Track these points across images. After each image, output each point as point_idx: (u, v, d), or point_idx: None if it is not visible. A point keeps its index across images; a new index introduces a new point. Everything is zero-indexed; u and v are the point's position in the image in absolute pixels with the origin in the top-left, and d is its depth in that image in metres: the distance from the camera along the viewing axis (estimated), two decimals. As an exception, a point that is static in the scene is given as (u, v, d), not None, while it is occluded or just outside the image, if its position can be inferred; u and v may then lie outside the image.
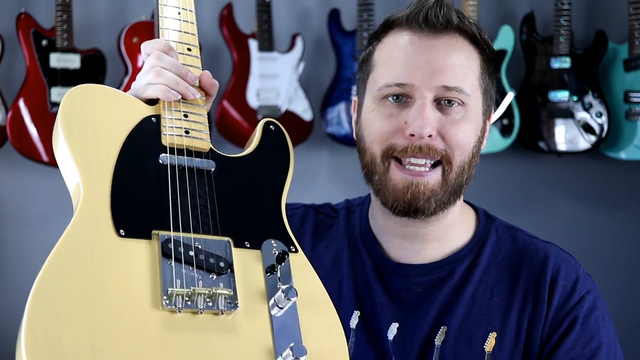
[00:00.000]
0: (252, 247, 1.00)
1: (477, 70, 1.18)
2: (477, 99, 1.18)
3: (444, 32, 1.16)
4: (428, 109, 1.13)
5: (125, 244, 0.93)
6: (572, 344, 1.16)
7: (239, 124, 2.88)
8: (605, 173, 3.16)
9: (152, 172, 1.01)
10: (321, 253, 1.28)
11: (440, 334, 1.18)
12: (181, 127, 1.05)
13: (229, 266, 0.96)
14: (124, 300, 0.88)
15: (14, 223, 2.85)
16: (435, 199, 1.16)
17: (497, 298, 1.20)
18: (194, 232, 0.97)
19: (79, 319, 0.84)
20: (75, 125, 1.01)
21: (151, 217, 0.96)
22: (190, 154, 1.04)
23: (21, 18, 2.71)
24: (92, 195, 0.95)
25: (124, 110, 1.05)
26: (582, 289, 1.19)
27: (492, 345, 1.17)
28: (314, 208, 1.34)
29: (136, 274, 0.91)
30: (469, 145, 1.17)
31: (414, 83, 1.14)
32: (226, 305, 0.92)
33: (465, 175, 1.18)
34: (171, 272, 0.92)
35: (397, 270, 1.22)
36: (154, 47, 1.10)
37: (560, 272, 1.19)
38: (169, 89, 1.06)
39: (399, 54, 1.17)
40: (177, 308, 0.89)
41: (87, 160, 0.98)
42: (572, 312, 1.17)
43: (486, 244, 1.24)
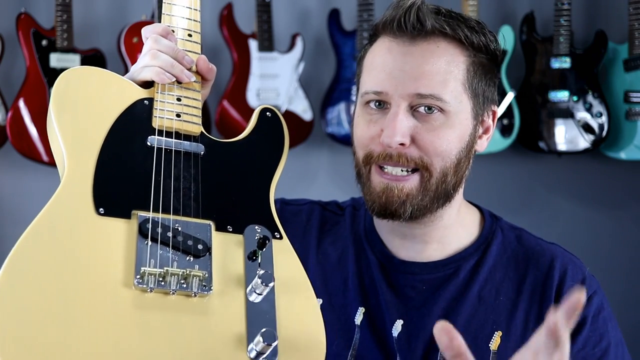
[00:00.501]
0: (234, 231, 1.00)
1: (461, 74, 1.15)
2: (463, 104, 1.15)
3: (421, 37, 1.14)
4: (400, 118, 1.12)
5: (104, 222, 0.92)
6: (583, 343, 1.16)
7: (239, 124, 2.88)
8: (605, 173, 3.16)
9: (138, 153, 1.00)
10: (327, 250, 1.28)
11: None
12: (173, 110, 1.05)
13: (207, 249, 0.95)
14: (96, 277, 0.87)
15: (14, 223, 2.85)
16: (411, 203, 1.15)
17: (503, 297, 1.20)
18: (174, 214, 0.96)
19: (49, 291, 0.84)
20: (66, 103, 1.01)
21: (132, 197, 0.96)
22: (179, 137, 1.04)
23: (21, 18, 2.71)
24: (75, 172, 0.95)
25: (118, 92, 1.05)
26: (590, 289, 1.19)
27: (497, 344, 1.17)
28: (320, 205, 1.35)
29: (111, 252, 0.90)
30: (450, 151, 1.15)
31: (389, 91, 1.13)
32: (200, 287, 0.91)
33: (450, 180, 1.16)
34: (146, 252, 0.91)
35: (402, 268, 1.23)
36: (153, 30, 1.11)
37: (567, 273, 1.20)
38: (163, 71, 1.07)
39: (378, 61, 1.16)
40: (149, 287, 0.88)
41: (74, 138, 0.98)
42: (581, 312, 1.17)
43: (492, 244, 1.24)
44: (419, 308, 1.20)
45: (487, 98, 1.20)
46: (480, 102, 1.19)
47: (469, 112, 1.17)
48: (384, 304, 1.21)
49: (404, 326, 1.19)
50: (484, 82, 1.19)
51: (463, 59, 1.15)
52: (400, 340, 1.19)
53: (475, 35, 1.16)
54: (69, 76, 1.04)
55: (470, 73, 1.16)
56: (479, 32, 1.17)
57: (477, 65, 1.17)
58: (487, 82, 1.19)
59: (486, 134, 1.23)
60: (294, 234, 1.29)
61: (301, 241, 1.29)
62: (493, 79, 1.21)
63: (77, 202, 0.93)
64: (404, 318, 1.20)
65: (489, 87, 1.20)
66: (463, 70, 1.15)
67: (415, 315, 1.20)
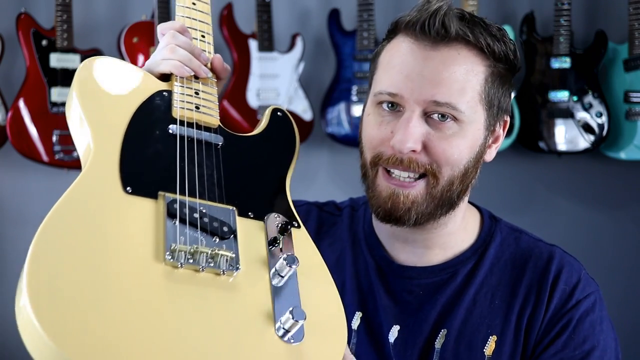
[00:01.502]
0: (255, 217, 1.02)
1: (479, 84, 1.13)
2: (477, 114, 1.14)
3: (444, 42, 1.11)
4: (413, 124, 1.11)
5: (131, 201, 0.94)
6: (563, 344, 1.15)
7: (239, 124, 2.88)
8: (605, 173, 3.16)
9: (161, 139, 1.03)
10: (324, 252, 1.27)
11: (441, 337, 1.17)
12: (192, 102, 1.09)
13: (232, 232, 0.97)
14: (128, 251, 0.89)
15: (14, 223, 2.85)
16: (416, 211, 1.14)
17: (499, 301, 1.19)
18: (199, 198, 0.99)
19: (82, 264, 0.85)
20: (89, 89, 1.05)
21: (158, 179, 0.99)
22: (199, 127, 1.07)
23: (21, 18, 2.71)
24: (102, 153, 0.98)
25: (138, 82, 1.09)
26: (581, 293, 1.18)
27: (492, 348, 1.16)
28: (317, 206, 1.34)
29: (140, 229, 0.92)
30: (460, 161, 1.13)
31: (404, 94, 1.11)
32: (228, 266, 0.93)
33: (456, 189, 1.15)
34: (175, 231, 0.93)
35: (399, 272, 1.22)
36: (170, 26, 1.13)
37: (561, 275, 1.18)
38: (182, 65, 1.09)
39: (396, 61, 1.14)
40: (179, 263, 0.90)
41: (99, 121, 1.01)
42: (567, 315, 1.16)
43: (490, 247, 1.23)
44: (415, 313, 1.20)
45: (501, 108, 1.18)
46: (495, 112, 1.17)
47: (482, 122, 1.15)
48: (381, 309, 1.21)
49: (400, 332, 1.19)
50: (500, 93, 1.16)
51: (483, 69, 1.13)
52: (396, 346, 1.19)
53: (497, 44, 1.13)
54: (91, 64, 1.07)
55: (488, 84, 1.14)
56: (500, 40, 1.14)
57: (495, 75, 1.15)
58: (503, 93, 1.17)
59: (495, 143, 1.21)
60: None
61: None
62: (509, 89, 1.19)
63: (105, 180, 0.95)
64: (400, 324, 1.19)
65: (504, 97, 1.18)
66: (481, 81, 1.13)
67: (412, 320, 1.19)
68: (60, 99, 2.71)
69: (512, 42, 1.17)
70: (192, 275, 0.90)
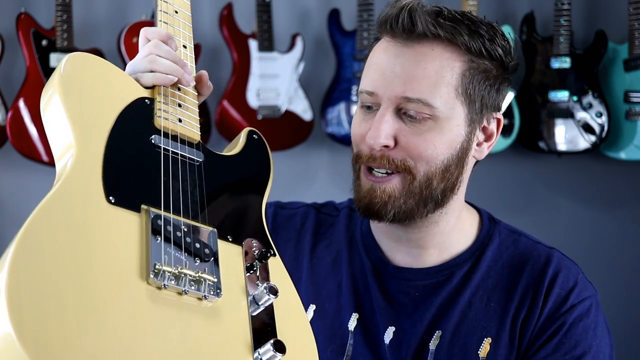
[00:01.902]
0: (233, 242, 1.00)
1: (455, 80, 1.11)
2: (455, 110, 1.12)
3: (415, 39, 1.11)
4: (385, 119, 1.11)
5: (114, 212, 0.91)
6: (554, 348, 1.14)
7: (239, 124, 2.87)
8: (605, 173, 3.16)
9: (144, 149, 0.99)
10: (321, 253, 1.27)
11: (435, 339, 1.17)
12: (175, 114, 1.05)
13: (213, 254, 0.96)
14: (110, 265, 0.86)
15: (14, 223, 2.85)
16: (393, 205, 1.14)
17: (494, 304, 1.18)
18: (183, 216, 0.96)
19: (65, 271, 0.81)
20: (73, 86, 0.99)
21: (142, 191, 0.95)
22: (182, 142, 1.04)
23: (21, 18, 2.71)
24: (85, 157, 0.93)
25: (121, 85, 1.04)
26: (577, 297, 1.17)
27: (486, 350, 1.16)
28: (315, 207, 1.34)
29: (123, 243, 0.89)
30: (436, 157, 1.13)
31: (379, 92, 1.12)
32: (210, 291, 0.91)
33: (437, 186, 1.14)
34: (159, 249, 0.91)
35: (395, 274, 1.22)
36: (154, 34, 1.07)
37: (558, 279, 1.17)
38: (164, 75, 1.04)
39: (374, 60, 1.15)
40: (163, 284, 0.88)
41: (82, 121, 0.96)
42: (560, 319, 1.16)
43: (487, 249, 1.22)
44: (410, 315, 1.20)
45: (487, 105, 1.16)
46: (477, 108, 1.15)
47: (462, 118, 1.14)
48: (377, 310, 1.21)
49: (396, 333, 1.19)
50: (483, 88, 1.15)
51: (459, 64, 1.12)
52: (391, 346, 1.19)
53: (478, 40, 1.12)
54: (75, 59, 1.01)
55: (465, 78, 1.13)
56: (484, 37, 1.13)
57: (475, 70, 1.13)
58: (488, 89, 1.16)
59: (488, 142, 1.20)
60: (288, 239, 1.28)
61: (295, 246, 1.29)
62: (498, 85, 1.17)
63: (88, 187, 0.91)
64: (395, 325, 1.19)
65: (490, 93, 1.16)
66: (458, 75, 1.12)
67: (407, 321, 1.19)
68: (60, 99, 2.71)
69: (504, 39, 1.16)
70: (175, 299, 0.89)
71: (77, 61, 1.02)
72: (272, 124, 2.89)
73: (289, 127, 2.93)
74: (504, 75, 1.17)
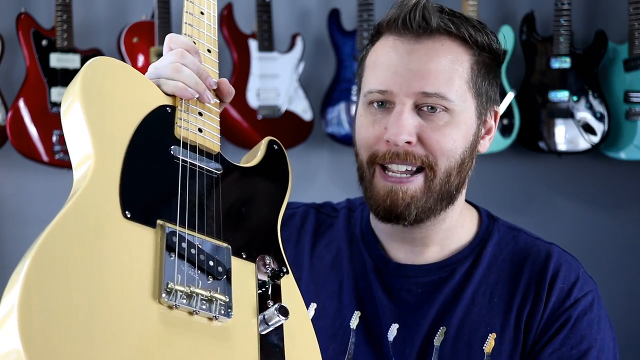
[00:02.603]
0: (247, 258, 0.99)
1: (465, 73, 1.15)
2: (467, 102, 1.15)
3: (426, 35, 1.13)
4: (405, 116, 1.12)
5: (129, 227, 0.90)
6: (561, 343, 1.15)
7: (239, 124, 2.88)
8: (605, 173, 3.16)
9: (163, 162, 0.98)
10: (321, 252, 1.28)
11: (439, 335, 1.18)
12: (195, 124, 1.04)
13: (226, 272, 0.95)
14: (123, 284, 0.86)
15: (14, 223, 2.85)
16: (416, 206, 1.15)
17: (497, 299, 1.19)
18: (198, 231, 0.95)
19: (77, 287, 0.81)
20: (94, 94, 0.97)
21: (158, 205, 0.94)
22: (201, 152, 1.02)
23: (21, 18, 2.71)
24: (102, 169, 0.92)
25: (142, 92, 1.02)
26: (579, 291, 1.18)
27: (491, 346, 1.17)
28: (314, 207, 1.34)
29: (136, 260, 0.88)
30: (455, 151, 1.14)
31: (394, 90, 1.13)
32: (221, 311, 0.91)
33: (454, 181, 1.16)
34: (172, 266, 0.90)
35: (397, 271, 1.22)
36: (179, 43, 1.06)
37: (559, 273, 1.19)
38: (186, 87, 1.03)
39: (382, 60, 1.16)
40: (175, 304, 0.87)
41: (102, 133, 0.95)
42: (565, 313, 1.17)
43: (488, 245, 1.23)
44: (414, 312, 1.20)
45: (490, 98, 1.20)
46: (484, 101, 1.18)
47: (473, 111, 1.17)
48: (379, 308, 1.21)
49: (399, 330, 1.19)
50: (487, 82, 1.18)
51: (467, 58, 1.15)
52: (395, 344, 1.19)
53: (479, 34, 1.16)
54: (97, 64, 0.99)
55: (474, 72, 1.16)
56: (482, 32, 1.17)
57: (480, 64, 1.17)
58: (490, 82, 1.19)
59: (488, 135, 1.23)
60: (288, 238, 1.29)
61: (295, 245, 1.29)
62: (495, 78, 1.21)
63: (104, 201, 0.90)
64: (399, 322, 1.20)
65: (491, 86, 1.20)
66: (467, 69, 1.15)
67: (410, 319, 1.20)
68: (60, 99, 2.70)
69: (493, 34, 1.19)
70: (186, 319, 0.88)
71: (100, 66, 1.00)
72: (272, 124, 2.89)
73: (289, 127, 2.93)
74: (498, 68, 1.21)
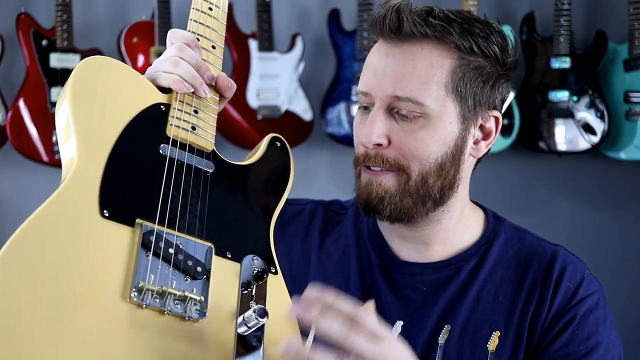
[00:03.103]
0: (232, 258, 0.98)
1: (445, 77, 1.12)
2: (447, 107, 1.13)
3: (405, 38, 1.12)
4: (377, 118, 1.13)
5: (106, 226, 0.89)
6: (567, 340, 1.15)
7: (239, 124, 2.88)
8: (605, 173, 3.16)
9: (149, 160, 0.97)
10: (329, 249, 1.28)
11: (444, 333, 1.18)
12: (189, 121, 1.03)
13: (205, 272, 0.94)
14: (93, 283, 0.85)
15: (14, 223, 2.82)
16: (389, 202, 1.15)
17: (502, 298, 1.19)
18: (178, 230, 0.94)
19: (44, 288, 0.81)
20: (83, 94, 0.97)
21: (138, 204, 0.93)
22: (192, 150, 1.01)
23: (21, 18, 2.71)
24: (84, 168, 0.92)
25: (136, 90, 1.02)
26: (585, 290, 1.18)
27: (495, 344, 1.17)
28: (323, 204, 1.35)
29: (110, 259, 0.88)
30: (429, 155, 1.13)
31: (372, 92, 1.14)
32: (195, 311, 0.90)
33: (434, 184, 1.15)
34: (146, 265, 0.89)
35: (403, 269, 1.23)
36: (180, 38, 1.07)
37: (565, 273, 1.19)
38: (182, 80, 1.03)
39: (368, 61, 1.17)
40: (145, 303, 0.87)
41: (88, 132, 0.95)
42: (571, 311, 1.17)
43: (494, 245, 1.23)
44: (418, 309, 1.20)
45: (481, 102, 1.16)
46: (470, 105, 1.15)
47: (455, 116, 1.14)
48: (385, 305, 1.21)
49: (404, 327, 1.19)
50: (475, 85, 1.15)
51: (448, 62, 1.13)
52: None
53: (469, 37, 1.13)
54: (90, 64, 1.00)
55: (456, 76, 1.13)
56: (477, 35, 1.13)
57: (466, 67, 1.13)
58: (481, 85, 1.16)
59: (486, 140, 1.20)
60: (296, 234, 1.29)
61: (303, 241, 1.29)
62: (493, 82, 1.17)
63: (82, 199, 0.90)
64: (404, 319, 1.20)
65: (483, 90, 1.16)
66: (447, 73, 1.12)
67: (415, 316, 1.20)
68: (60, 99, 2.71)
69: (501, 36, 1.16)
70: (155, 318, 0.87)
71: (92, 65, 1.00)
72: (272, 124, 2.89)
73: (289, 127, 2.93)
74: (500, 72, 1.17)
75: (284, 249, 1.26)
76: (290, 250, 1.28)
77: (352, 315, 0.90)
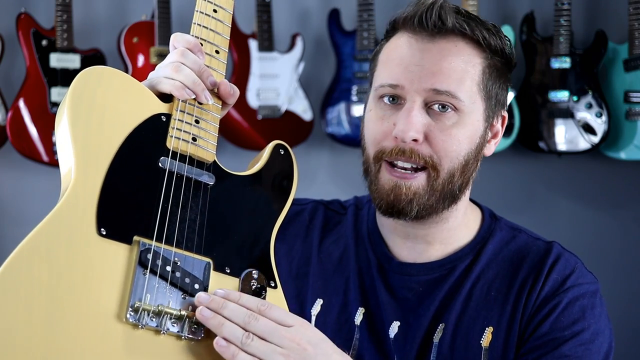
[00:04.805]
0: (231, 274, 0.98)
1: (477, 75, 1.15)
2: (476, 104, 1.16)
3: (441, 35, 1.14)
4: (415, 113, 1.12)
5: (104, 245, 0.89)
6: (550, 327, 1.15)
7: (239, 124, 2.88)
8: (605, 173, 3.16)
9: (148, 174, 0.96)
10: (329, 248, 1.29)
11: (439, 332, 1.18)
12: (190, 132, 1.01)
13: (203, 289, 0.93)
14: (88, 304, 0.85)
15: (14, 223, 2.85)
16: (418, 203, 1.15)
17: (495, 293, 1.20)
18: (176, 247, 0.94)
19: (39, 312, 0.82)
20: (82, 108, 0.95)
21: (136, 221, 0.93)
22: (192, 162, 1.00)
23: (21, 18, 2.71)
24: (82, 186, 0.91)
25: (136, 102, 0.99)
26: (574, 281, 1.18)
27: (488, 340, 1.17)
28: (323, 204, 1.35)
29: (107, 278, 0.87)
30: (459, 152, 1.15)
31: (405, 85, 1.13)
32: (191, 330, 0.90)
33: (457, 181, 1.16)
34: (143, 284, 0.89)
35: (399, 269, 1.23)
36: (183, 42, 1.05)
37: (556, 266, 1.19)
38: (183, 87, 1.01)
39: (395, 55, 1.16)
40: (141, 324, 0.87)
41: (86, 148, 0.93)
42: (555, 298, 1.17)
43: (488, 243, 1.24)
44: (414, 309, 1.21)
45: (499, 102, 1.20)
46: (493, 105, 1.19)
47: (481, 113, 1.17)
48: (382, 305, 1.21)
49: (400, 327, 1.20)
50: (497, 86, 1.19)
51: (480, 60, 1.16)
52: (397, 341, 1.19)
53: (493, 37, 1.16)
54: (89, 75, 0.98)
55: (485, 75, 1.16)
56: (496, 35, 1.17)
57: (492, 67, 1.17)
58: (500, 86, 1.20)
59: (494, 139, 1.23)
60: (297, 233, 1.30)
61: (303, 240, 1.29)
62: (506, 83, 1.21)
63: (79, 217, 0.89)
64: (400, 319, 1.20)
65: (501, 90, 1.20)
66: (479, 72, 1.16)
67: (411, 316, 1.20)
68: (60, 99, 2.71)
69: (507, 38, 1.20)
70: (151, 338, 0.87)
71: (92, 77, 0.98)
72: (272, 124, 2.89)
73: (289, 127, 2.93)
74: (509, 73, 1.22)
75: (285, 249, 1.27)
76: (291, 250, 1.28)
77: (258, 305, 0.94)
